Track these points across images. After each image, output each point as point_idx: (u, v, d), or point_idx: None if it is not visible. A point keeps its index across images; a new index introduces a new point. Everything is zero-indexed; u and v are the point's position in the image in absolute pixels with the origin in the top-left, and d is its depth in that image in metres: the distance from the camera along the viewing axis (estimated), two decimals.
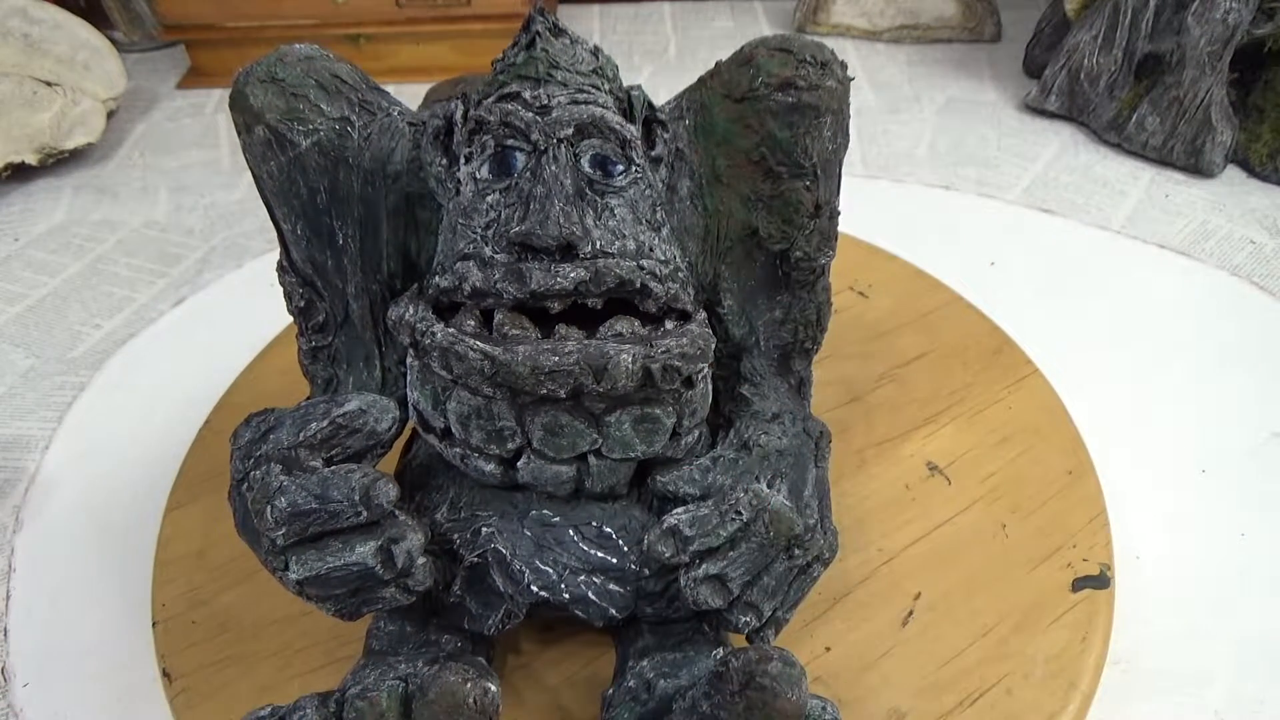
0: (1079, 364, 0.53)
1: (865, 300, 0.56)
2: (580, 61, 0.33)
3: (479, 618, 0.32)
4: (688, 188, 0.34)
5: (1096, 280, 0.61)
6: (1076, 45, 0.76)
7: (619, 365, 0.28)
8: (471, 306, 0.30)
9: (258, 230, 0.69)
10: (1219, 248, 0.64)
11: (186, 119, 0.86)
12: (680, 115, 0.34)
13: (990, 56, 0.92)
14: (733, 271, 0.35)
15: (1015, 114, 0.82)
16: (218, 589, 0.40)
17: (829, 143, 0.33)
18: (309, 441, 0.30)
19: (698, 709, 0.29)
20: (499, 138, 0.31)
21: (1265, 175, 0.70)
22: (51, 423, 0.53)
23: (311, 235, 0.33)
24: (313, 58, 0.32)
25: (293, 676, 0.37)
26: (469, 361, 0.28)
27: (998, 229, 0.67)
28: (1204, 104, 0.69)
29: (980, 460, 0.45)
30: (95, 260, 0.67)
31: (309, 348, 0.35)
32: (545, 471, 0.31)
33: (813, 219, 0.34)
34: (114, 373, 0.57)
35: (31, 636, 0.41)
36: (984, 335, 0.54)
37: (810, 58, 0.32)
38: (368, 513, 0.28)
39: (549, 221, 0.29)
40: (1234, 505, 0.45)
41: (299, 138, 0.31)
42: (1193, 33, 0.67)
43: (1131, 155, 0.74)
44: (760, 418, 0.34)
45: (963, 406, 0.49)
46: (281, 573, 0.29)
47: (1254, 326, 0.57)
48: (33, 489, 0.49)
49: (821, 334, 0.37)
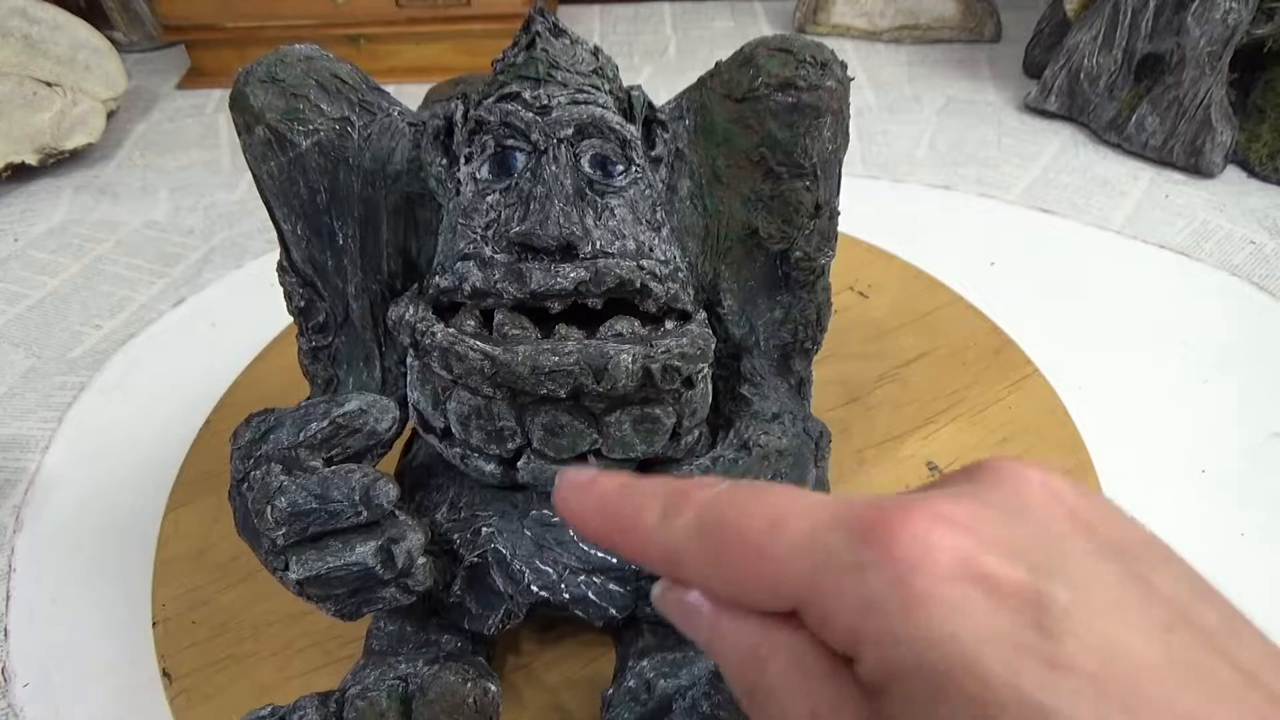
0: (1079, 364, 0.53)
1: (865, 300, 0.56)
2: (580, 62, 0.33)
3: (479, 618, 0.32)
4: (688, 188, 0.34)
5: (1096, 280, 0.61)
6: (1076, 45, 0.76)
7: (619, 365, 0.28)
8: (471, 306, 0.30)
9: (258, 230, 0.69)
10: (1219, 248, 0.64)
11: (186, 119, 0.86)
12: (680, 115, 0.34)
13: (990, 57, 0.92)
14: (733, 271, 0.35)
15: (1015, 114, 0.82)
16: (218, 589, 0.41)
17: (829, 143, 0.33)
18: (309, 441, 0.30)
19: (698, 709, 0.29)
20: (499, 138, 0.31)
21: (1265, 175, 0.70)
22: (51, 423, 0.53)
23: (312, 235, 0.33)
24: (313, 58, 0.32)
25: (293, 676, 0.37)
26: (469, 361, 0.28)
27: (998, 229, 0.67)
28: (1204, 104, 0.69)
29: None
30: (95, 260, 0.67)
31: (309, 348, 0.35)
32: (545, 471, 0.31)
33: (813, 219, 0.34)
34: (114, 373, 0.57)
35: (31, 636, 0.41)
36: (984, 335, 0.54)
37: (810, 58, 0.32)
38: (368, 513, 0.28)
39: (549, 221, 0.29)
40: (1234, 505, 0.45)
41: (299, 138, 0.31)
42: (1192, 33, 0.67)
43: (1131, 155, 0.74)
44: (760, 418, 0.34)
45: (963, 406, 0.49)
46: (282, 573, 0.29)
47: (1254, 326, 0.57)
48: (33, 489, 0.49)
49: (821, 334, 0.37)
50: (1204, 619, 0.16)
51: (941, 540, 0.16)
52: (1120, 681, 0.15)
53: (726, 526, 0.19)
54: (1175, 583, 0.17)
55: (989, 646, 0.15)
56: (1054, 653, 0.15)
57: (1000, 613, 0.16)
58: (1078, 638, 0.15)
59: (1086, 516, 0.18)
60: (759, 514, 0.18)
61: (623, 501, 0.21)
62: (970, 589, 0.16)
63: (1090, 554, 0.17)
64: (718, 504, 0.19)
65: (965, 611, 0.16)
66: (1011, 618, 0.16)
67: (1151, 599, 0.16)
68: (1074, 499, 0.18)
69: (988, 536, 0.17)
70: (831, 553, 0.17)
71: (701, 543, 0.19)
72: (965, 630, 0.16)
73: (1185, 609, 0.16)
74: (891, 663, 0.16)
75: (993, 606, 0.16)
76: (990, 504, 0.18)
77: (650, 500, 0.20)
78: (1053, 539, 0.17)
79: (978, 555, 0.16)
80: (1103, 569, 0.16)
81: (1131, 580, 0.16)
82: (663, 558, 0.20)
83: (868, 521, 0.17)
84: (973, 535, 0.17)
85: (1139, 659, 0.15)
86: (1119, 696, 0.15)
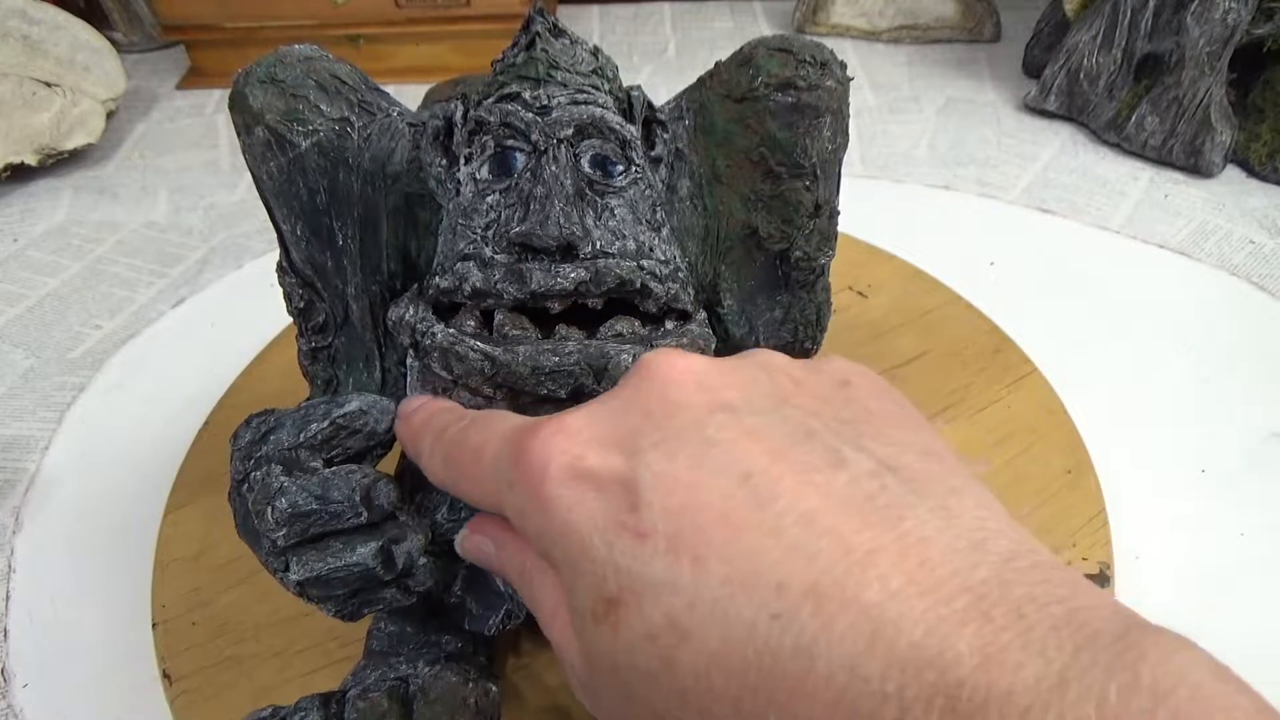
0: (1078, 364, 0.53)
1: (864, 300, 0.56)
2: (580, 62, 0.33)
3: (479, 618, 0.32)
4: (687, 188, 0.34)
5: (1096, 280, 0.61)
6: (1076, 45, 0.76)
7: (620, 365, 0.28)
8: (472, 307, 0.30)
9: (258, 230, 0.69)
10: (1219, 248, 0.64)
11: (186, 119, 0.86)
12: (680, 115, 0.34)
13: (990, 56, 0.92)
14: (733, 271, 0.35)
15: (1015, 114, 0.82)
16: (218, 590, 0.40)
17: (829, 143, 0.33)
18: (309, 442, 0.30)
19: None
20: (499, 138, 0.31)
21: (1265, 175, 0.70)
22: (51, 423, 0.53)
23: (311, 236, 0.33)
24: (312, 58, 0.32)
25: (293, 677, 0.37)
26: (469, 362, 0.28)
27: (997, 229, 0.67)
28: (1203, 104, 0.69)
29: (979, 459, 0.45)
30: (95, 261, 0.67)
31: (309, 348, 0.35)
32: None
33: (812, 219, 0.34)
34: (114, 373, 0.57)
35: (31, 637, 0.41)
36: (983, 335, 0.54)
37: (810, 58, 0.32)
38: (369, 513, 0.28)
39: (549, 222, 0.29)
40: (1234, 505, 0.45)
41: (299, 139, 0.31)
42: (1192, 33, 0.67)
43: (1131, 155, 0.74)
44: None
45: (962, 406, 0.49)
46: (282, 574, 0.29)
47: (1254, 326, 0.57)
48: (33, 489, 0.49)
49: (821, 334, 0.37)
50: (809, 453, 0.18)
51: (555, 448, 0.19)
52: (691, 534, 0.17)
53: (452, 457, 0.24)
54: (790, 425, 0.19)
55: (595, 530, 0.18)
56: (637, 523, 0.17)
57: (602, 499, 0.18)
58: (656, 506, 0.17)
59: (713, 386, 0.20)
60: (471, 445, 0.23)
61: (421, 431, 0.27)
62: (578, 485, 0.19)
63: (690, 421, 0.19)
64: (449, 435, 0.24)
65: (577, 505, 0.18)
66: (609, 501, 0.18)
67: (746, 449, 0.18)
68: (705, 370, 0.21)
69: (595, 436, 0.19)
70: (500, 474, 0.21)
71: (444, 469, 0.24)
72: (578, 520, 0.18)
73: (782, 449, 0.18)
74: (545, 556, 0.20)
75: (597, 495, 0.18)
76: (613, 402, 0.21)
77: (426, 434, 0.26)
78: (655, 418, 0.19)
79: (584, 455, 0.19)
80: (696, 434, 0.18)
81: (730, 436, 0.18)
82: (434, 482, 0.25)
83: (515, 443, 0.21)
84: (581, 438, 0.19)
85: (707, 511, 0.17)
86: (690, 549, 0.17)
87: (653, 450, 0.18)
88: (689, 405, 0.19)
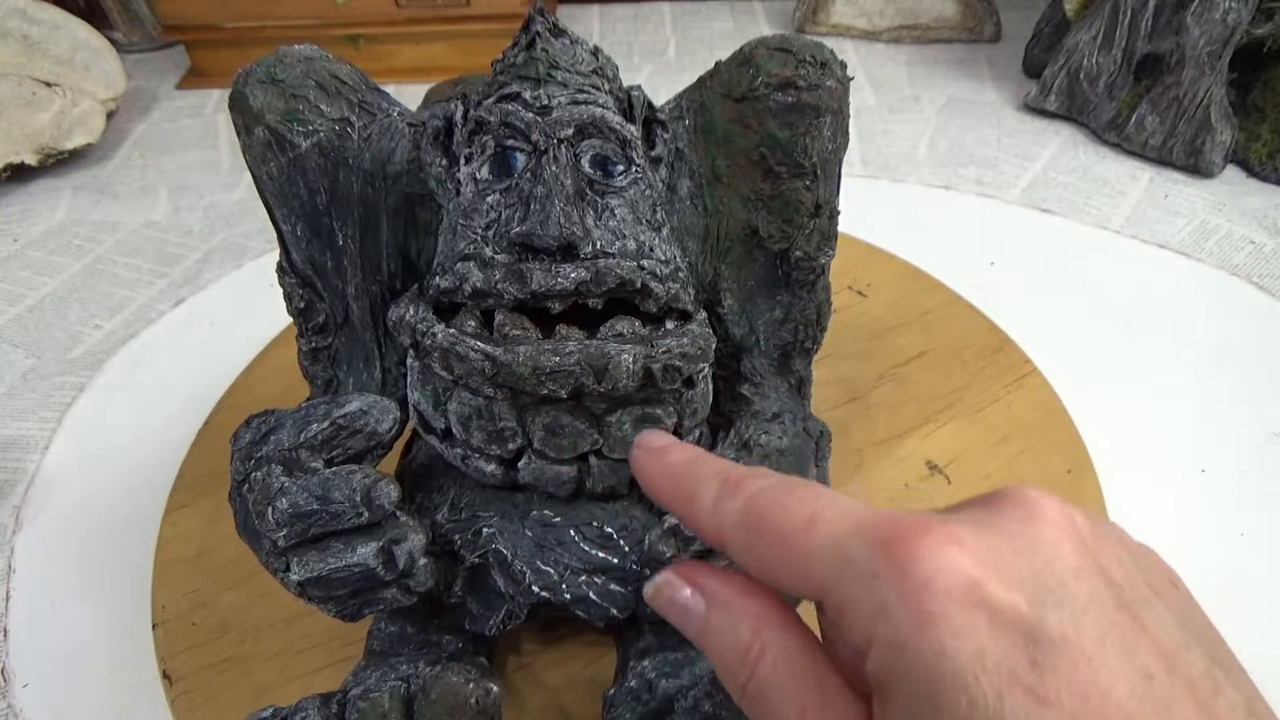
0: (1079, 364, 0.53)
1: (864, 300, 0.56)
2: (580, 62, 0.33)
3: (480, 618, 0.32)
4: (688, 188, 0.34)
5: (1096, 280, 0.61)
6: (1076, 45, 0.76)
7: (620, 365, 0.28)
8: (472, 307, 0.30)
9: (258, 230, 0.69)
10: (1219, 248, 0.64)
11: (186, 119, 0.86)
12: (680, 115, 0.34)
13: (990, 56, 0.92)
14: (733, 271, 0.35)
15: (1015, 114, 0.82)
16: (218, 590, 0.40)
17: (829, 142, 0.33)
18: (310, 443, 0.30)
19: (699, 709, 0.29)
20: (499, 138, 0.31)
21: (1265, 175, 0.70)
22: (51, 423, 0.53)
23: (311, 236, 0.33)
24: (312, 58, 0.32)
25: (294, 678, 0.37)
26: (470, 362, 0.28)
27: (997, 229, 0.67)
28: (1203, 104, 0.69)
29: (980, 459, 0.46)
30: (95, 261, 0.67)
31: (309, 349, 0.35)
32: (546, 472, 0.31)
33: (812, 218, 0.34)
34: (114, 373, 0.57)
35: (31, 636, 0.41)
36: (983, 335, 0.54)
37: (810, 57, 0.32)
38: (369, 514, 0.28)
39: (549, 222, 0.29)
40: (1234, 505, 0.45)
41: (299, 139, 0.31)
42: (1192, 33, 0.67)
43: (1131, 155, 0.74)
44: (760, 417, 0.34)
45: (962, 405, 0.49)
46: (283, 574, 0.29)
47: (1254, 326, 0.57)
48: (33, 489, 0.49)
49: (821, 333, 0.37)
50: (1189, 666, 0.17)
51: (951, 562, 0.17)
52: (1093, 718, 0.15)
53: (766, 519, 0.20)
54: (1167, 625, 0.17)
55: (982, 670, 0.16)
56: (1039, 686, 0.16)
57: (996, 639, 0.16)
58: (1062, 674, 0.16)
59: (1095, 550, 0.18)
60: (796, 513, 0.20)
61: (686, 475, 0.23)
62: (972, 612, 0.17)
63: (1091, 590, 0.17)
64: (763, 496, 0.21)
65: (965, 633, 0.16)
66: (1006, 645, 0.16)
67: (1140, 641, 0.17)
68: (1087, 531, 0.19)
69: (995, 564, 0.17)
70: (850, 559, 0.18)
71: (745, 529, 0.21)
72: (963, 650, 0.16)
73: (1172, 654, 0.17)
74: (896, 667, 0.17)
75: (991, 632, 0.16)
76: (1003, 532, 0.18)
77: (708, 481, 0.22)
78: (1058, 573, 0.17)
79: (984, 581, 0.17)
80: (1099, 607, 0.17)
81: (1125, 620, 0.17)
82: (711, 535, 0.22)
83: (886, 535, 0.18)
84: (981, 561, 0.17)
85: (1114, 703, 0.16)
86: None
87: (1057, 608, 0.17)
88: (1082, 569, 0.18)
